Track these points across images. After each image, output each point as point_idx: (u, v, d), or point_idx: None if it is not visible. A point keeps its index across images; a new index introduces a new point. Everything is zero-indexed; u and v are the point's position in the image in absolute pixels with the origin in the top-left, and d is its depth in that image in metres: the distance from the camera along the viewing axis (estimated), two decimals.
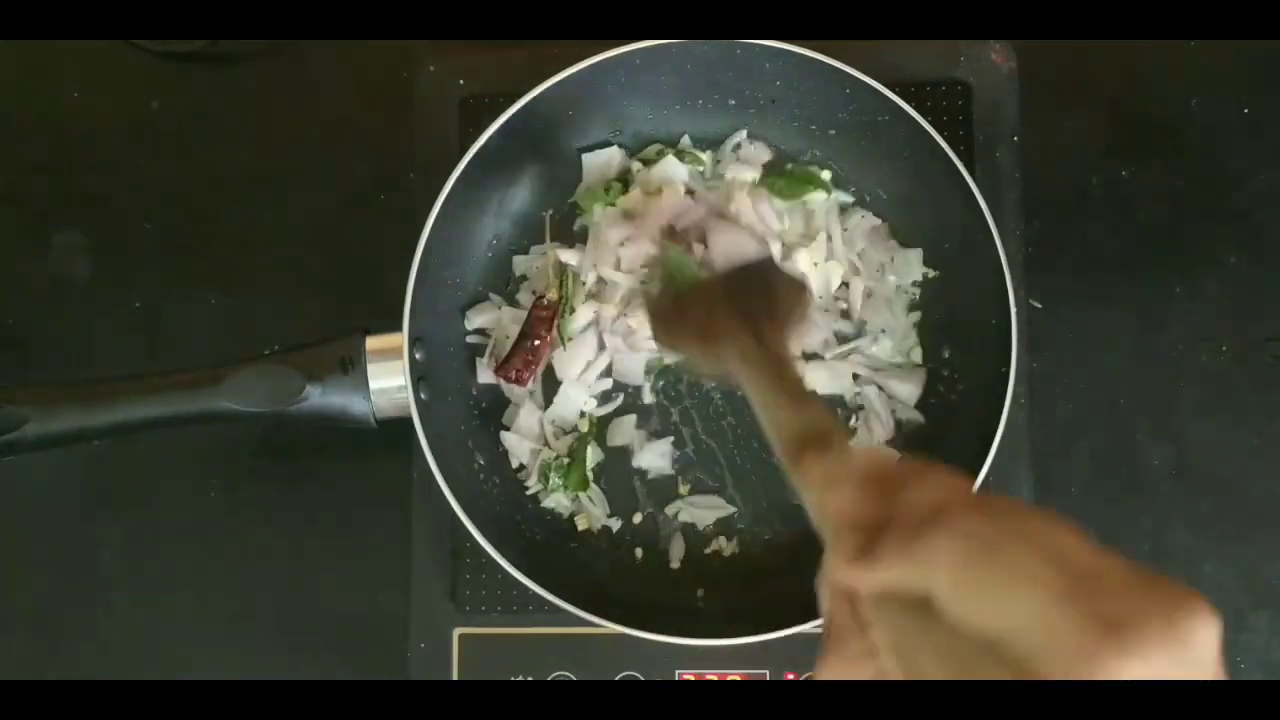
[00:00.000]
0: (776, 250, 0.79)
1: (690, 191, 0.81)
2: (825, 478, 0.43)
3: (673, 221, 0.78)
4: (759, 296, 0.61)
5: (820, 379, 0.80)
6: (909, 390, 0.80)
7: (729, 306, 0.59)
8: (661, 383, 0.82)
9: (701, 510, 0.81)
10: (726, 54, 0.77)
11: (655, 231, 0.78)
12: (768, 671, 0.77)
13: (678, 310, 0.67)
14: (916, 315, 0.81)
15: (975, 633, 0.35)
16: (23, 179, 0.87)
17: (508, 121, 0.75)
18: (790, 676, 0.77)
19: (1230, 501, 0.80)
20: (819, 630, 0.43)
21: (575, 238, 0.83)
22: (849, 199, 0.82)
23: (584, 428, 0.82)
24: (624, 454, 0.81)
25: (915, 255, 0.81)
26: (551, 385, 0.82)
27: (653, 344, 0.78)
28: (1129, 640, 0.31)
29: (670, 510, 0.81)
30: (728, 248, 0.75)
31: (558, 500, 0.81)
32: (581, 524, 0.81)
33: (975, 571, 0.35)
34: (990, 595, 0.34)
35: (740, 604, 0.78)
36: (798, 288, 0.65)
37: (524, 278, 0.83)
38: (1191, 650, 0.32)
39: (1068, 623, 0.32)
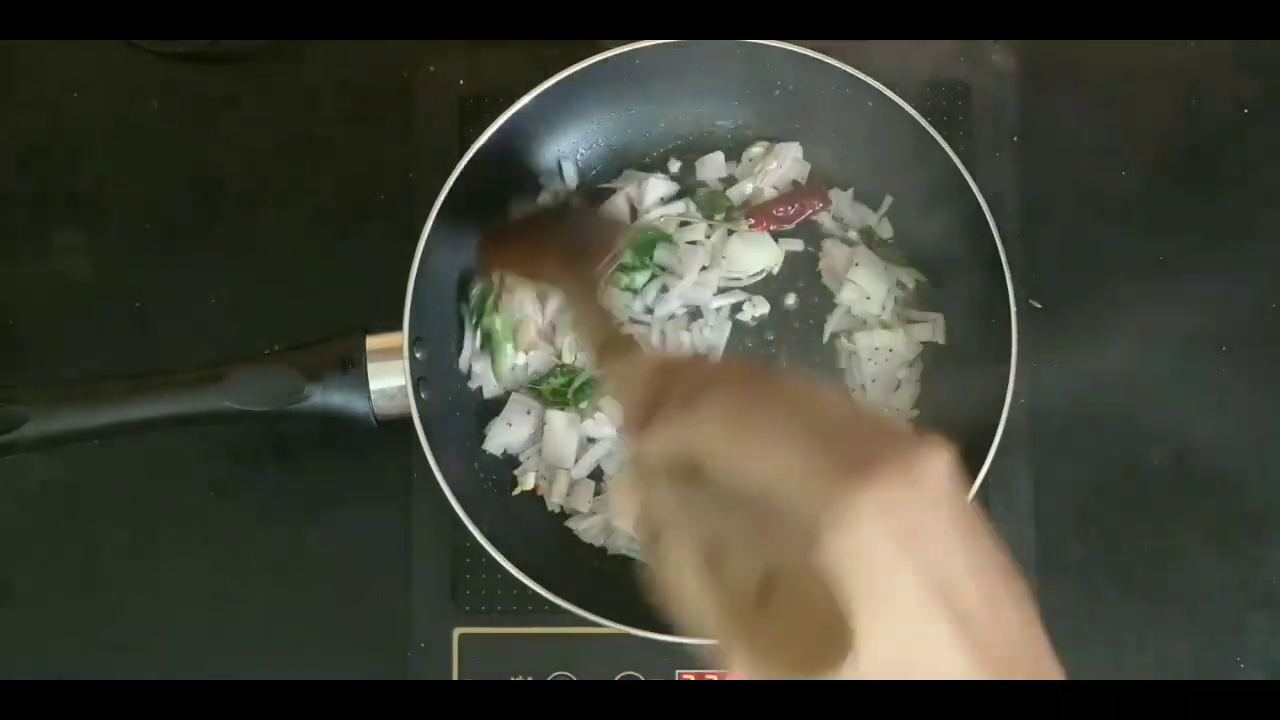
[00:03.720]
0: None
1: None
2: (623, 373, 0.49)
3: None
4: (576, 235, 0.73)
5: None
6: None
7: (552, 243, 0.71)
8: None
9: None
10: (727, 54, 0.77)
11: None
12: None
13: (516, 238, 0.76)
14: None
15: (740, 491, 0.39)
16: (23, 179, 0.87)
17: (508, 121, 0.75)
18: None
19: (1230, 501, 0.80)
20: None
21: None
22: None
23: None
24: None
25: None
26: None
27: None
28: (871, 473, 0.36)
29: None
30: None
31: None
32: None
33: (736, 434, 0.40)
34: (750, 455, 0.39)
35: None
36: (611, 228, 0.76)
37: None
38: (923, 477, 0.37)
39: (818, 467, 0.37)
